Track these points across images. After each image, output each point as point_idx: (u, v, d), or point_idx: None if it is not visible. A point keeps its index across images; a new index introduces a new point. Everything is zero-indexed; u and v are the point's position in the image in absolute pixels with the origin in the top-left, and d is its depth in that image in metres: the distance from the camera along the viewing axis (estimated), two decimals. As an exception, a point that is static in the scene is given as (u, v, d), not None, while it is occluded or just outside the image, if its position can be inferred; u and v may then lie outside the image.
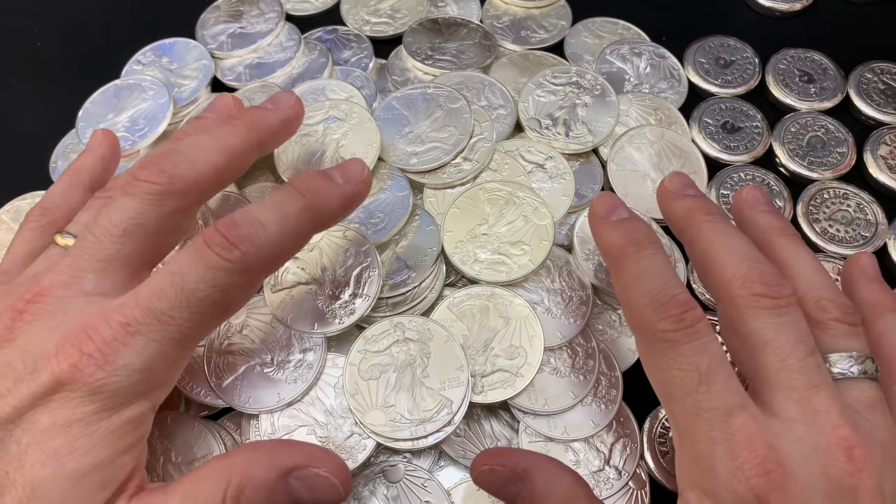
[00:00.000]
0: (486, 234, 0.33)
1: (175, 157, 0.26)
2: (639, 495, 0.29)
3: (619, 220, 0.27)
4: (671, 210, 0.29)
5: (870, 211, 0.36)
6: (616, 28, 0.43)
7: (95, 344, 0.22)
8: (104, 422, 0.22)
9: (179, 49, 0.41)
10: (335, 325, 0.30)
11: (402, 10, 0.43)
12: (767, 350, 0.23)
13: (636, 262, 0.26)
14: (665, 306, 0.24)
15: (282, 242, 0.25)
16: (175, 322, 0.23)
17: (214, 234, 0.24)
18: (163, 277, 0.23)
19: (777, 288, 0.24)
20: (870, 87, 0.40)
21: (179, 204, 0.26)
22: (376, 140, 0.34)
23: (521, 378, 0.30)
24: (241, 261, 0.24)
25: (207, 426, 0.29)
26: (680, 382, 0.23)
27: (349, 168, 0.27)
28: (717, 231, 0.26)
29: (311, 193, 0.26)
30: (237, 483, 0.23)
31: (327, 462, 0.25)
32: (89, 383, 0.22)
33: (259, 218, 0.24)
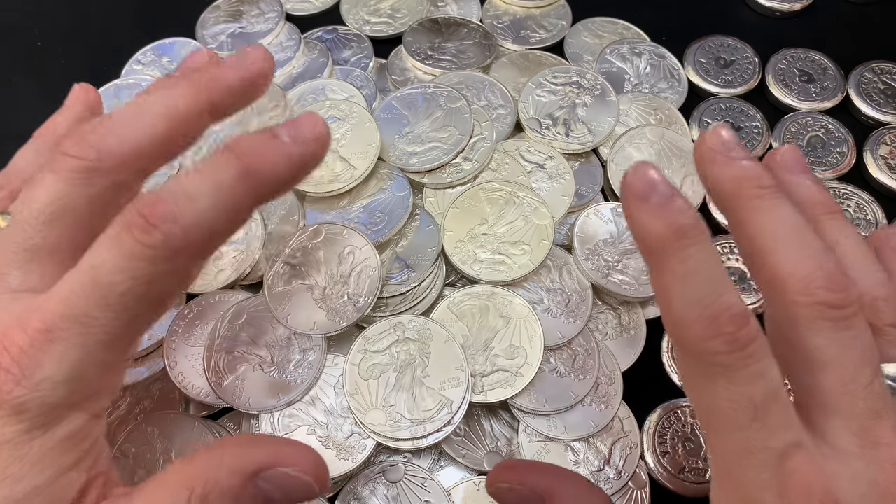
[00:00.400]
0: (486, 234, 0.33)
1: (105, 127, 0.22)
2: (639, 495, 0.29)
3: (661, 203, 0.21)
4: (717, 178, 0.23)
5: (870, 211, 0.36)
6: (616, 28, 0.42)
7: (11, 356, 0.19)
8: (36, 441, 0.19)
9: (179, 49, 0.41)
10: (335, 325, 0.30)
11: (402, 9, 0.43)
12: (828, 371, 0.20)
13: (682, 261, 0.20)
14: (717, 322, 0.19)
15: (215, 218, 0.20)
16: (98, 323, 0.20)
17: (132, 214, 0.19)
18: (80, 272, 0.20)
19: (845, 295, 0.20)
20: (870, 87, 0.40)
21: (113, 180, 0.22)
22: (376, 140, 0.34)
23: (521, 378, 0.30)
24: (163, 245, 0.19)
25: (207, 426, 0.29)
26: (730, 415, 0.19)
27: (300, 124, 0.22)
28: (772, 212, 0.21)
29: (250, 157, 0.21)
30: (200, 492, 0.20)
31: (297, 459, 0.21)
32: (9, 401, 0.19)
33: (187, 190, 0.20)
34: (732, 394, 0.19)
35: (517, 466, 0.25)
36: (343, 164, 0.34)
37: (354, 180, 0.33)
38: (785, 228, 0.21)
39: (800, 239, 0.21)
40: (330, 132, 0.22)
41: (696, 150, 0.23)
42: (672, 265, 0.20)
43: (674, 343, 0.21)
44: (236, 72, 0.24)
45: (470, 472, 0.30)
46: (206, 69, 0.24)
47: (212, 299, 0.32)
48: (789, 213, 0.21)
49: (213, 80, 0.24)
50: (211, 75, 0.24)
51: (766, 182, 0.22)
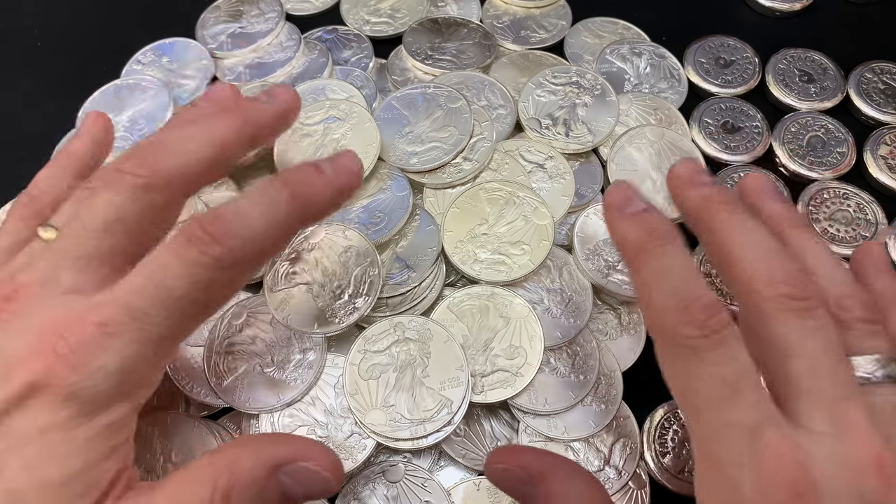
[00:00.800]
0: (486, 234, 0.33)
1: (160, 149, 0.24)
2: (639, 495, 0.29)
3: (637, 213, 0.25)
4: (685, 199, 0.26)
5: (870, 211, 0.36)
6: (616, 28, 0.42)
7: (69, 346, 0.21)
8: (82, 427, 0.21)
9: (179, 49, 0.41)
10: (335, 325, 0.30)
11: (402, 9, 0.43)
12: (795, 357, 0.21)
13: (657, 258, 0.23)
14: (689, 309, 0.21)
15: (267, 237, 0.23)
16: (153, 321, 0.22)
17: (195, 229, 0.22)
18: (140, 275, 0.22)
19: (805, 288, 0.22)
20: (870, 87, 0.40)
21: (163, 198, 0.24)
22: (376, 140, 0.34)
23: (521, 378, 0.30)
24: (222, 257, 0.22)
25: (207, 426, 0.29)
26: (704, 394, 0.21)
27: (340, 160, 0.26)
28: (736, 223, 0.24)
29: (299, 186, 0.24)
30: (225, 483, 0.21)
31: (317, 455, 0.23)
32: (64, 387, 0.21)
33: (243, 211, 0.23)
34: (705, 374, 0.21)
35: (513, 449, 0.26)
36: (343, 164, 0.34)
37: (354, 180, 0.33)
38: (748, 236, 0.23)
39: (762, 244, 0.23)
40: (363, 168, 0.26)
41: (669, 178, 0.27)
42: (649, 264, 0.23)
43: (652, 334, 0.23)
44: (272, 108, 0.28)
45: (470, 472, 0.30)
46: (248, 105, 0.28)
47: (212, 299, 0.32)
48: (752, 224, 0.24)
49: (254, 115, 0.27)
50: (253, 111, 0.27)
51: (731, 199, 0.25)
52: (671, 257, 0.23)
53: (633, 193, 0.25)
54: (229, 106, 0.28)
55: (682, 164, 0.27)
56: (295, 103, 0.29)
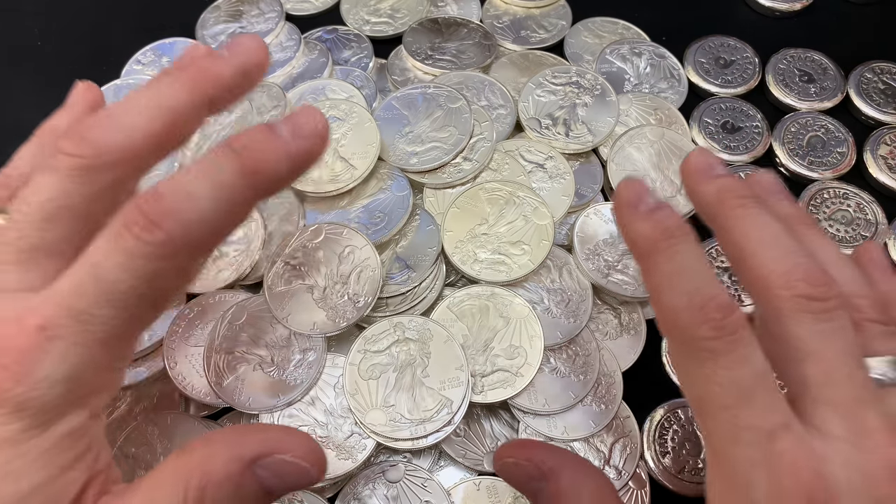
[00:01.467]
0: (486, 234, 0.33)
1: (102, 123, 0.21)
2: (639, 495, 0.29)
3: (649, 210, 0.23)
4: (700, 193, 0.25)
5: (870, 211, 0.36)
6: (616, 28, 0.42)
7: (10, 355, 0.19)
8: (35, 440, 0.19)
9: (179, 49, 0.41)
10: (335, 325, 0.30)
11: (402, 9, 0.43)
12: (812, 360, 0.21)
13: (670, 258, 0.22)
14: (703, 310, 0.21)
15: (216, 215, 0.20)
16: (98, 321, 0.20)
17: (133, 212, 0.19)
18: (80, 270, 0.20)
19: (825, 289, 0.21)
20: (870, 87, 0.40)
21: (111, 177, 0.21)
22: (376, 140, 0.34)
23: (521, 378, 0.30)
24: (165, 243, 0.19)
25: (207, 426, 0.30)
26: (718, 397, 0.20)
27: (299, 119, 0.22)
28: (753, 219, 0.23)
29: (249, 153, 0.21)
30: (197, 483, 0.20)
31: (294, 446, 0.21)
32: (9, 399, 0.19)
33: (187, 188, 0.20)
34: (720, 377, 0.20)
35: (524, 444, 0.26)
36: (343, 164, 0.34)
37: (354, 180, 0.33)
38: (765, 232, 0.23)
39: (779, 241, 0.22)
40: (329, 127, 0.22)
41: (682, 170, 0.26)
42: (661, 263, 0.22)
43: (665, 335, 0.23)
44: (230, 63, 0.24)
45: (470, 472, 0.30)
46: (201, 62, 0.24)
47: (212, 299, 0.32)
48: (769, 220, 0.23)
49: (208, 73, 0.23)
50: (206, 69, 0.23)
51: (747, 193, 0.24)
52: (685, 256, 0.22)
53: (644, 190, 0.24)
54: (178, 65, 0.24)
55: (696, 156, 0.26)
56: (257, 55, 0.24)
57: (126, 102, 0.22)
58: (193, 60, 0.24)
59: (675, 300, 0.21)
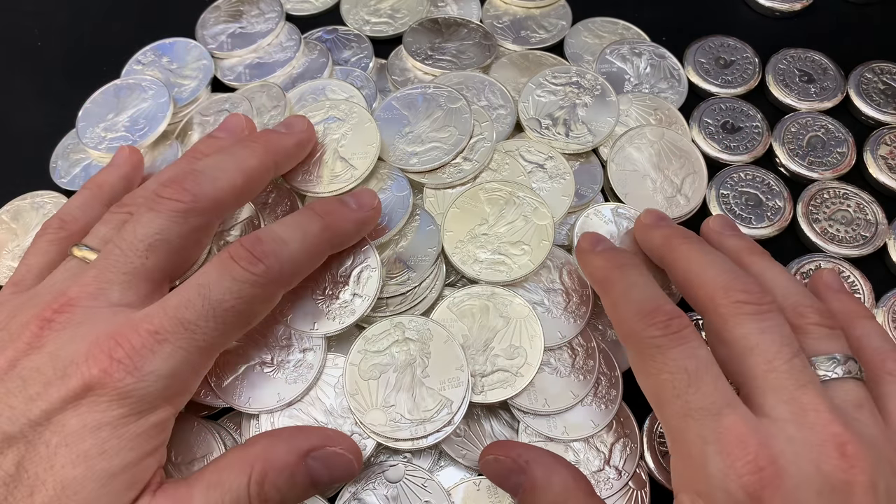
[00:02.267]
0: (486, 234, 0.33)
1: (198, 177, 0.27)
2: (639, 495, 0.29)
3: (603, 250, 0.30)
4: (649, 239, 0.31)
5: (870, 211, 0.36)
6: (616, 28, 0.43)
7: (125, 350, 0.23)
8: (132, 425, 0.23)
9: (179, 49, 0.41)
10: (335, 325, 0.30)
11: (402, 10, 0.43)
12: (754, 354, 0.24)
13: (621, 278, 0.27)
14: (651, 314, 0.25)
15: (301, 259, 0.27)
16: (201, 331, 0.24)
17: (240, 249, 0.25)
18: (190, 289, 0.25)
19: (758, 294, 0.25)
20: (870, 87, 0.40)
21: (200, 221, 0.27)
22: (376, 140, 0.34)
23: (521, 378, 0.30)
24: (264, 274, 0.25)
25: (207, 426, 0.30)
26: (669, 385, 0.24)
27: (362, 196, 0.31)
28: (694, 250, 0.28)
29: (328, 216, 0.28)
30: (260, 469, 0.24)
31: (341, 441, 0.26)
32: (118, 388, 0.23)
33: (281, 235, 0.27)
34: (669, 367, 0.24)
35: (503, 443, 0.29)
36: (343, 164, 0.34)
37: (354, 180, 0.33)
38: (706, 258, 0.27)
39: (718, 263, 0.27)
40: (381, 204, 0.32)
41: (636, 225, 0.32)
42: (615, 283, 0.28)
43: (624, 344, 0.27)
44: (292, 138, 0.32)
45: (470, 472, 0.30)
46: (269, 136, 0.31)
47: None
48: (708, 248, 0.28)
49: (276, 145, 0.31)
50: (275, 141, 0.31)
51: (689, 234, 0.29)
52: (634, 276, 0.27)
53: (600, 237, 0.31)
54: (252, 137, 0.31)
55: (646, 214, 0.32)
56: (311, 133, 0.33)
57: (213, 162, 0.28)
58: (262, 134, 0.31)
59: (627, 309, 0.26)
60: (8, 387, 0.23)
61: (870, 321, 0.27)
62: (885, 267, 0.35)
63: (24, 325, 0.24)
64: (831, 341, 0.25)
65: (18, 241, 0.36)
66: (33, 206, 0.37)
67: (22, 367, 0.23)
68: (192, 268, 0.29)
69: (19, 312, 0.25)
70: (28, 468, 0.22)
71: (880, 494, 0.21)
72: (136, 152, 0.34)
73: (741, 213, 0.36)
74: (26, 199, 0.37)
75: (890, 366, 0.25)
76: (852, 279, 0.34)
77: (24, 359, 0.24)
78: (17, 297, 0.26)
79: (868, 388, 0.25)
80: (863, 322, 0.27)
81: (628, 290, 0.27)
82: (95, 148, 0.37)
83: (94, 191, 0.31)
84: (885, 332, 0.27)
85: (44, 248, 0.28)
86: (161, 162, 0.37)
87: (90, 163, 0.38)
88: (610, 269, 0.28)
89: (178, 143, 0.37)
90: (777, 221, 0.36)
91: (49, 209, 0.37)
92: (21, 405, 0.23)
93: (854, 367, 0.24)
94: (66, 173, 0.38)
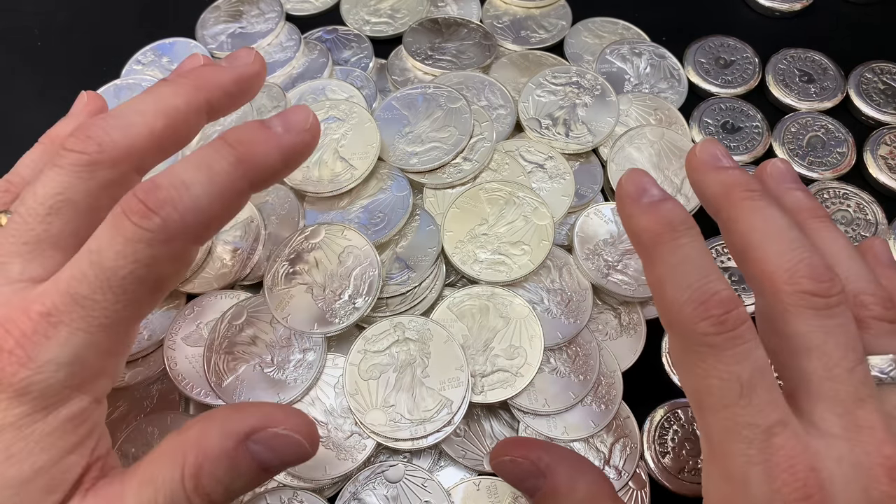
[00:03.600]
0: (486, 234, 0.33)
1: (106, 123, 0.23)
2: (639, 495, 0.29)
3: (653, 202, 0.23)
4: (705, 184, 0.25)
5: (870, 211, 0.36)
6: (616, 28, 0.42)
7: (15, 339, 0.20)
8: (38, 423, 0.20)
9: (179, 49, 0.41)
10: (335, 325, 0.30)
11: (402, 10, 0.43)
12: (813, 356, 0.21)
13: (672, 251, 0.22)
14: (705, 305, 0.21)
15: (210, 205, 0.22)
16: (100, 306, 0.20)
17: (132, 201, 0.21)
18: (81, 259, 0.21)
19: (828, 285, 0.21)
20: (870, 87, 0.40)
21: (112, 174, 0.22)
22: (376, 140, 0.34)
23: (521, 378, 0.30)
24: (162, 229, 0.21)
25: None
26: (718, 392, 0.20)
27: (291, 115, 0.24)
28: (759, 212, 0.23)
29: (243, 146, 0.22)
30: (193, 459, 0.21)
31: (286, 419, 0.22)
32: (14, 383, 0.20)
33: (182, 178, 0.21)
34: (721, 372, 0.20)
35: (520, 441, 0.26)
36: (343, 164, 0.34)
37: (354, 180, 0.33)
38: (771, 226, 0.22)
39: (785, 235, 0.22)
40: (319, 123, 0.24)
41: (688, 162, 0.26)
42: (664, 256, 0.22)
43: (667, 329, 0.23)
44: (229, 72, 0.25)
45: (470, 472, 0.30)
46: (202, 70, 0.25)
47: (212, 299, 0.32)
48: (775, 213, 0.23)
49: (209, 80, 0.25)
50: (207, 76, 0.25)
51: (754, 186, 0.24)
52: (688, 249, 0.22)
53: (648, 182, 0.24)
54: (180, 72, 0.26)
55: (702, 147, 0.25)
56: (255, 66, 0.26)
57: (128, 105, 0.23)
58: (193, 69, 0.26)
59: (678, 294, 0.21)
60: None
61: None
62: (885, 267, 0.35)
63: None
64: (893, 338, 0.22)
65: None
66: None
67: None
68: None
69: None
70: None
71: None
72: (97, 98, 0.29)
73: (741, 213, 0.36)
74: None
75: None
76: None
77: None
78: None
79: None
80: None
81: (679, 267, 0.22)
82: (95, 148, 0.37)
83: (47, 145, 0.28)
84: None
85: None
86: None
87: (90, 163, 0.38)
88: (659, 233, 0.22)
89: (178, 143, 0.37)
90: (777, 221, 0.36)
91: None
92: None
93: None
94: (66, 173, 0.38)
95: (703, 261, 0.22)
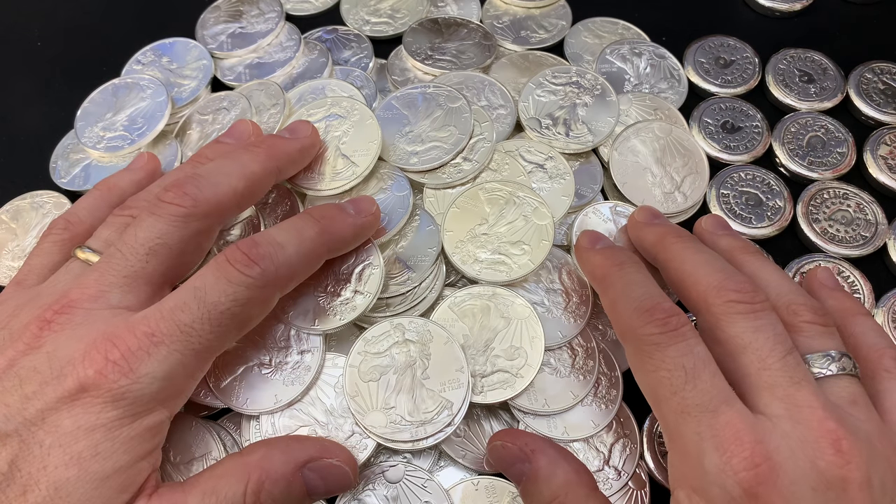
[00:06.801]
0: (486, 234, 0.33)
1: (199, 182, 0.27)
2: (639, 495, 0.29)
3: (603, 248, 0.30)
4: (642, 237, 0.31)
5: (870, 211, 0.36)
6: (616, 28, 0.42)
7: (121, 352, 0.23)
8: (125, 428, 0.23)
9: (179, 49, 0.41)
10: (336, 322, 0.30)
11: (402, 10, 0.43)
12: (747, 352, 0.24)
13: (621, 276, 0.27)
14: (650, 311, 0.25)
15: (297, 263, 0.27)
16: (196, 334, 0.24)
17: (236, 252, 0.25)
18: (186, 291, 0.25)
19: (751, 294, 0.25)
20: (870, 87, 0.40)
21: (201, 225, 0.27)
22: (378, 137, 0.34)
23: (522, 379, 0.30)
24: (260, 276, 0.25)
25: (206, 426, 0.29)
26: (667, 382, 0.24)
27: (361, 202, 0.31)
28: (688, 249, 0.28)
29: (325, 220, 0.28)
30: (256, 478, 0.24)
31: (338, 452, 0.26)
32: (113, 389, 0.23)
33: (277, 239, 0.26)
34: (667, 364, 0.24)
35: (512, 431, 0.29)
36: (344, 161, 0.34)
37: (356, 177, 0.33)
38: (700, 257, 0.27)
39: (713, 263, 0.27)
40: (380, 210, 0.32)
41: (629, 221, 0.32)
42: (614, 281, 0.28)
43: (621, 339, 0.27)
44: (295, 144, 0.31)
45: (469, 473, 0.29)
46: (274, 141, 0.31)
47: (211, 299, 0.32)
48: (703, 248, 0.28)
49: (280, 150, 0.31)
50: (279, 146, 0.31)
51: (683, 233, 0.29)
52: (634, 275, 0.27)
53: (599, 235, 0.31)
54: (255, 142, 0.31)
55: (639, 212, 0.32)
56: (315, 138, 0.33)
57: (215, 167, 0.28)
58: (265, 139, 0.32)
59: (626, 307, 0.26)
60: (5, 385, 0.23)
61: (865, 318, 0.27)
62: (885, 267, 0.35)
63: (24, 326, 0.25)
64: (825, 339, 0.25)
65: (18, 241, 0.36)
66: (33, 205, 0.37)
67: (20, 367, 0.23)
68: (192, 271, 0.29)
69: (20, 312, 0.25)
70: (21, 467, 0.22)
71: (875, 490, 0.21)
72: (153, 159, 0.34)
73: (741, 213, 0.36)
74: (26, 199, 0.37)
75: (886, 362, 0.25)
76: (852, 279, 0.34)
77: (23, 358, 0.24)
78: (19, 297, 0.27)
79: (864, 385, 0.25)
80: (858, 319, 0.27)
81: (627, 288, 0.27)
82: (94, 147, 0.37)
83: (104, 193, 0.31)
84: (881, 329, 0.27)
85: (47, 249, 0.29)
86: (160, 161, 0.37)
87: (90, 163, 0.38)
88: (609, 266, 0.28)
89: (176, 142, 0.37)
90: (777, 221, 0.36)
91: (49, 209, 0.37)
92: (17, 403, 0.23)
93: (848, 363, 0.24)
94: (65, 173, 0.38)
95: (647, 282, 0.27)
